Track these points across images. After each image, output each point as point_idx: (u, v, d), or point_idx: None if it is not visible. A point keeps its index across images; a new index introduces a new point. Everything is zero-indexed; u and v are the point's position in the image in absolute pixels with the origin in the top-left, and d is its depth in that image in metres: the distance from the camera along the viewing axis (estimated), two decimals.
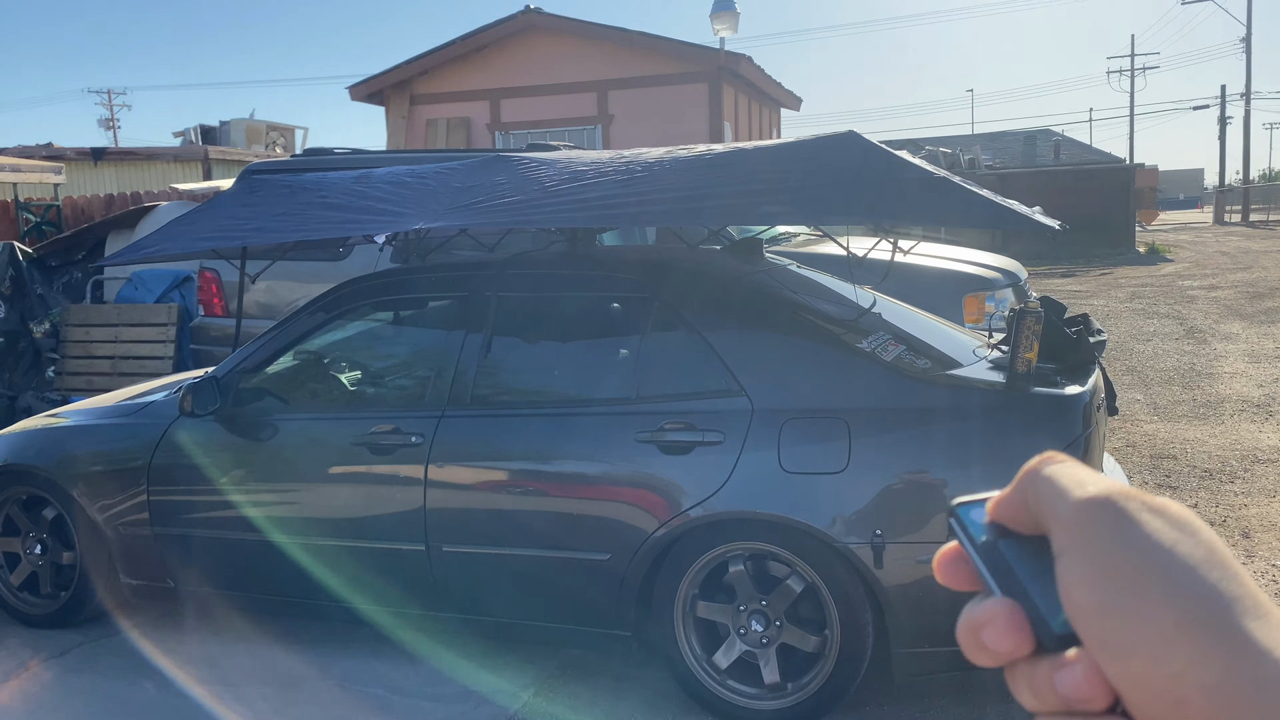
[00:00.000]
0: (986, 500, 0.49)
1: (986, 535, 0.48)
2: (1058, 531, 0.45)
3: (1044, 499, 0.46)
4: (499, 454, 3.49)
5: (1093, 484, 0.45)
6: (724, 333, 3.34)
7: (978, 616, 0.45)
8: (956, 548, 0.50)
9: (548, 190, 3.46)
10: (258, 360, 3.91)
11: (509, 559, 3.44)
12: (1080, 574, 0.43)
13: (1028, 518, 0.47)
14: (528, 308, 3.72)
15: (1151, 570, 0.41)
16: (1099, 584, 0.42)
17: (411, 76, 13.11)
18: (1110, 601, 0.42)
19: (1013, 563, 0.46)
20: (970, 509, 0.50)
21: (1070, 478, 0.46)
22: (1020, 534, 0.47)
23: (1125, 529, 0.43)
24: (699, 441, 3.22)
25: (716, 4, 11.14)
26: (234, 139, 16.80)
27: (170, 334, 7.64)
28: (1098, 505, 0.44)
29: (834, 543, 3.07)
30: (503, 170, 3.59)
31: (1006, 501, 0.48)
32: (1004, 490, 0.48)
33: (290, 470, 3.74)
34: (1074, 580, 0.43)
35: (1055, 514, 0.45)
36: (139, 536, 3.97)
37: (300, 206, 3.75)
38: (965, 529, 0.49)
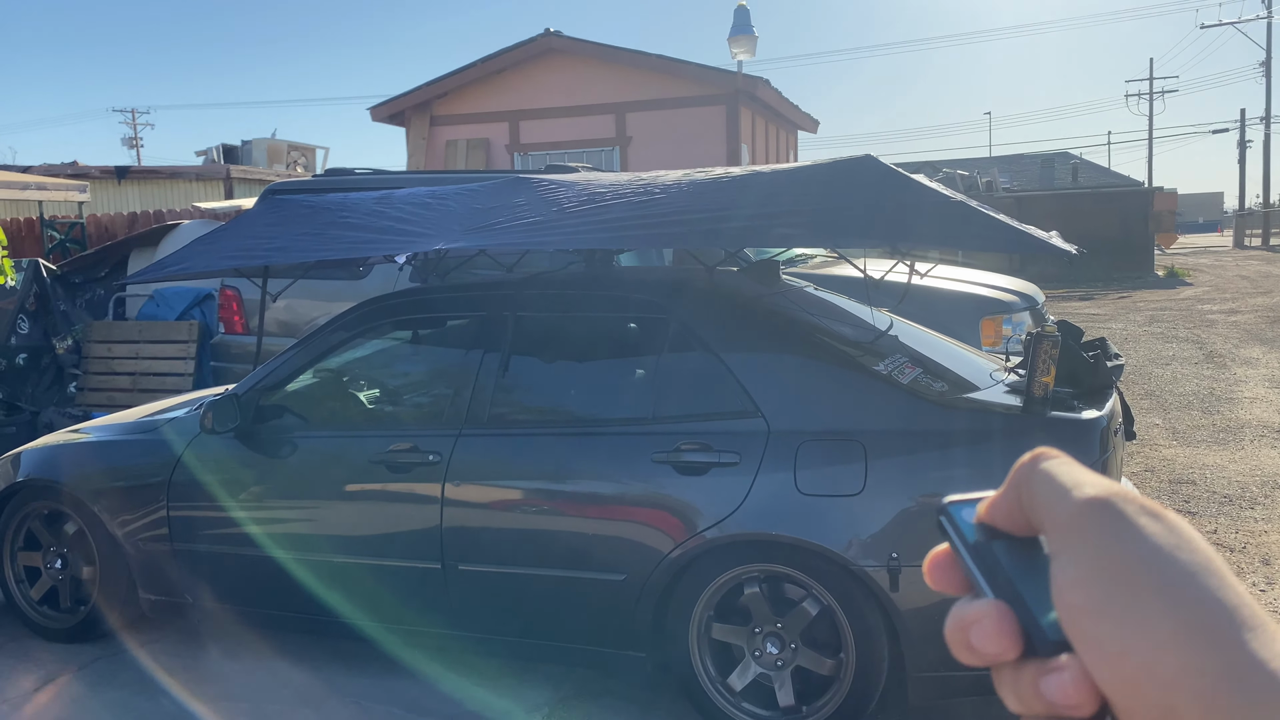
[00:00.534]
0: (979, 500, 0.48)
1: (978, 535, 0.47)
2: (1053, 532, 0.44)
3: (1038, 498, 0.45)
4: (515, 473, 3.51)
5: (1090, 484, 0.44)
6: (741, 354, 3.35)
7: (967, 616, 0.45)
8: (947, 550, 0.49)
9: (565, 211, 3.49)
10: (278, 378, 3.95)
11: (525, 578, 3.45)
12: (1075, 575, 0.42)
13: (1021, 518, 0.46)
14: (545, 327, 3.74)
15: (1149, 574, 0.41)
16: (1094, 586, 0.41)
17: (432, 98, 13.24)
18: (1105, 604, 0.41)
19: (1005, 564, 0.45)
20: (962, 508, 0.49)
21: (1067, 476, 0.45)
22: (1013, 535, 0.46)
23: (1123, 531, 0.42)
24: (715, 462, 3.23)
25: (734, 28, 11.20)
26: (255, 158, 16.96)
27: (190, 351, 7.71)
28: (1095, 506, 0.43)
29: (850, 565, 3.07)
30: (522, 191, 3.63)
31: (999, 502, 0.47)
32: (997, 490, 0.47)
33: (308, 488, 3.76)
34: (1068, 581, 0.42)
35: (1051, 514, 0.44)
36: (158, 552, 4.00)
37: (321, 227, 3.79)
38: (957, 529, 0.48)
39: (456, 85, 13.09)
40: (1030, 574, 0.45)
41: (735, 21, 11.25)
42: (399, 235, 3.57)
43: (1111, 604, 0.41)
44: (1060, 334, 3.26)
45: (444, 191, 3.93)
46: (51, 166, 13.96)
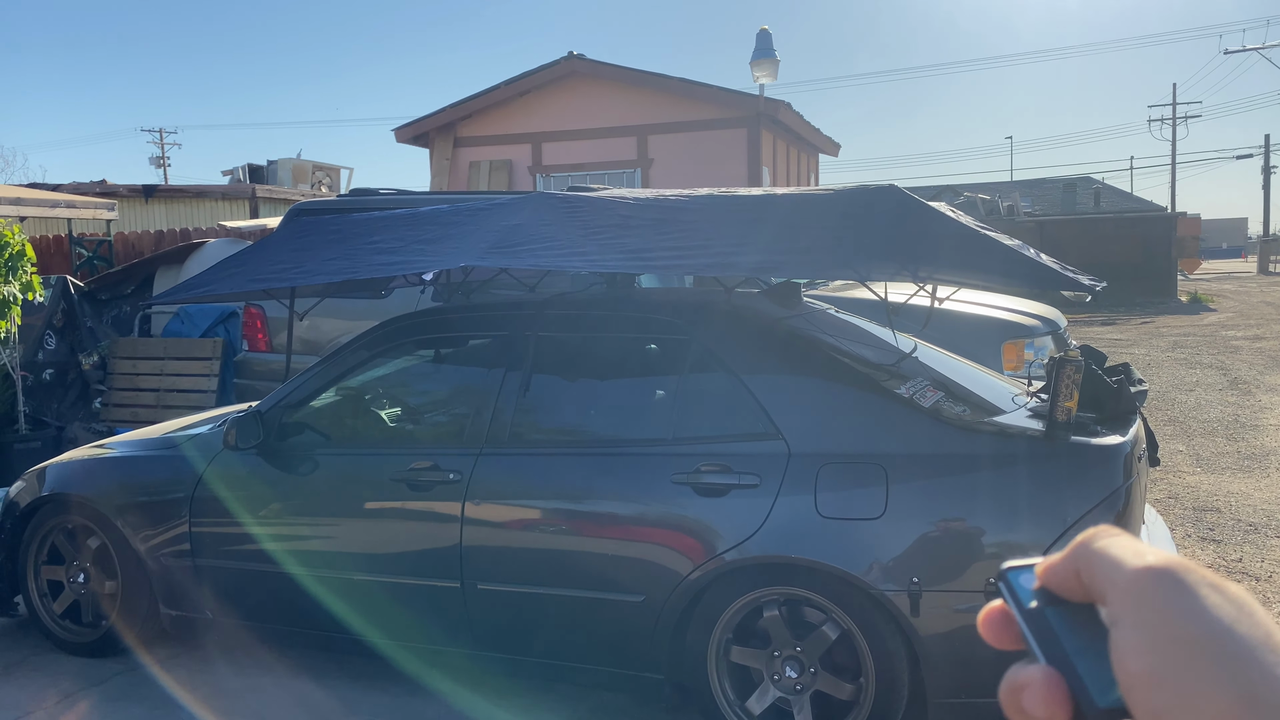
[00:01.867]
0: (1035, 565, 0.50)
1: (1035, 601, 0.49)
2: (1114, 599, 0.45)
3: (1098, 568, 0.46)
4: (535, 492, 3.51)
5: (1151, 554, 0.45)
6: (762, 376, 3.35)
7: (1019, 680, 0.46)
8: (1002, 607, 0.50)
9: (589, 232, 3.50)
10: (301, 396, 3.98)
11: (543, 598, 3.45)
12: (1137, 643, 0.43)
13: (1078, 586, 0.47)
14: (566, 348, 3.76)
15: (1211, 645, 0.41)
16: (1156, 654, 0.42)
17: (456, 119, 13.35)
18: (1166, 672, 0.41)
19: (1059, 631, 0.47)
20: (1019, 574, 0.51)
21: (1127, 548, 0.46)
22: (1068, 602, 0.48)
23: (1185, 601, 0.42)
24: (735, 484, 3.23)
25: (756, 51, 11.27)
26: (281, 178, 17.13)
27: (214, 368, 7.78)
28: (1157, 575, 0.44)
29: (870, 589, 3.05)
30: (546, 210, 3.64)
31: (1056, 569, 0.48)
32: (1054, 556, 0.49)
33: (329, 505, 3.78)
34: (1130, 649, 0.43)
35: (1111, 582, 0.45)
36: (180, 568, 4.02)
37: (348, 248, 3.83)
38: (1014, 593, 0.50)
39: (480, 107, 13.20)
40: (1084, 642, 0.46)
41: (757, 45, 11.31)
42: (425, 254, 3.60)
43: (1173, 672, 0.41)
44: (1083, 359, 3.25)
45: (469, 208, 3.95)
46: (80, 185, 14.16)
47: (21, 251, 6.74)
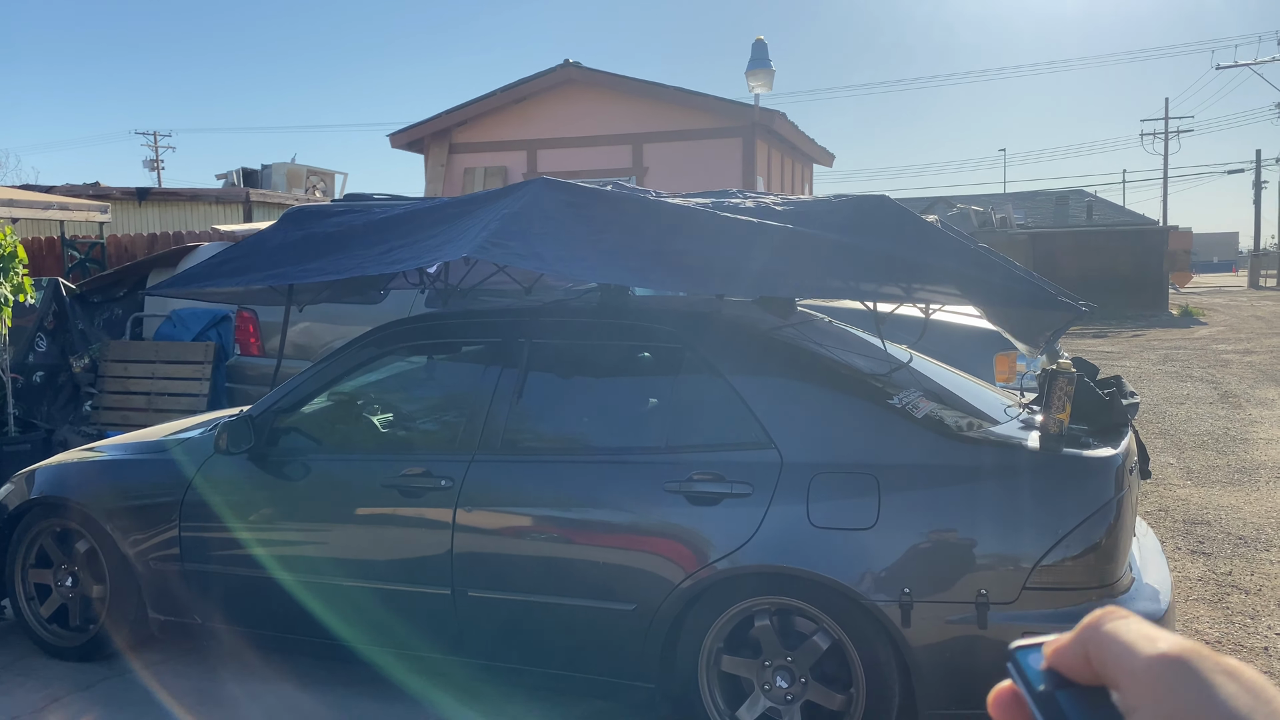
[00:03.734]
0: (1043, 645, 0.50)
1: (1044, 684, 0.49)
2: (1129, 688, 0.45)
3: (1109, 653, 0.46)
4: (527, 500, 3.50)
5: (1163, 641, 0.45)
6: (755, 385, 3.35)
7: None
8: (1012, 688, 0.50)
9: (591, 233, 3.49)
10: (293, 400, 3.97)
11: (534, 606, 3.44)
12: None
13: (1087, 669, 0.47)
14: (560, 355, 3.76)
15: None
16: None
17: (451, 126, 13.36)
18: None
19: (1069, 715, 0.47)
20: (1028, 654, 0.51)
21: (1137, 634, 0.46)
22: (1078, 685, 0.48)
23: (1201, 691, 0.42)
24: (727, 493, 3.23)
25: (752, 61, 11.30)
26: (275, 182, 17.11)
27: (206, 372, 7.75)
28: (1171, 664, 0.44)
29: (861, 600, 3.05)
30: (549, 200, 3.57)
31: (1065, 650, 0.48)
32: (1062, 637, 0.49)
33: (320, 510, 3.77)
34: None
35: (1123, 669, 0.45)
36: (169, 572, 4.01)
37: (349, 245, 3.82)
38: (1023, 674, 0.50)
39: (476, 114, 13.21)
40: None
41: (753, 55, 11.34)
42: (427, 248, 3.60)
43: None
44: (1076, 371, 3.26)
45: (473, 198, 3.94)
46: (73, 187, 14.12)
47: (13, 253, 6.72)
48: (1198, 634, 4.36)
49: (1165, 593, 3.14)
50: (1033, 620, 2.95)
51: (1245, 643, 4.34)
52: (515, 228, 3.37)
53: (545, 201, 3.52)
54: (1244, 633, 4.44)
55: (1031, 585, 2.95)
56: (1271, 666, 4.08)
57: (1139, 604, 3.01)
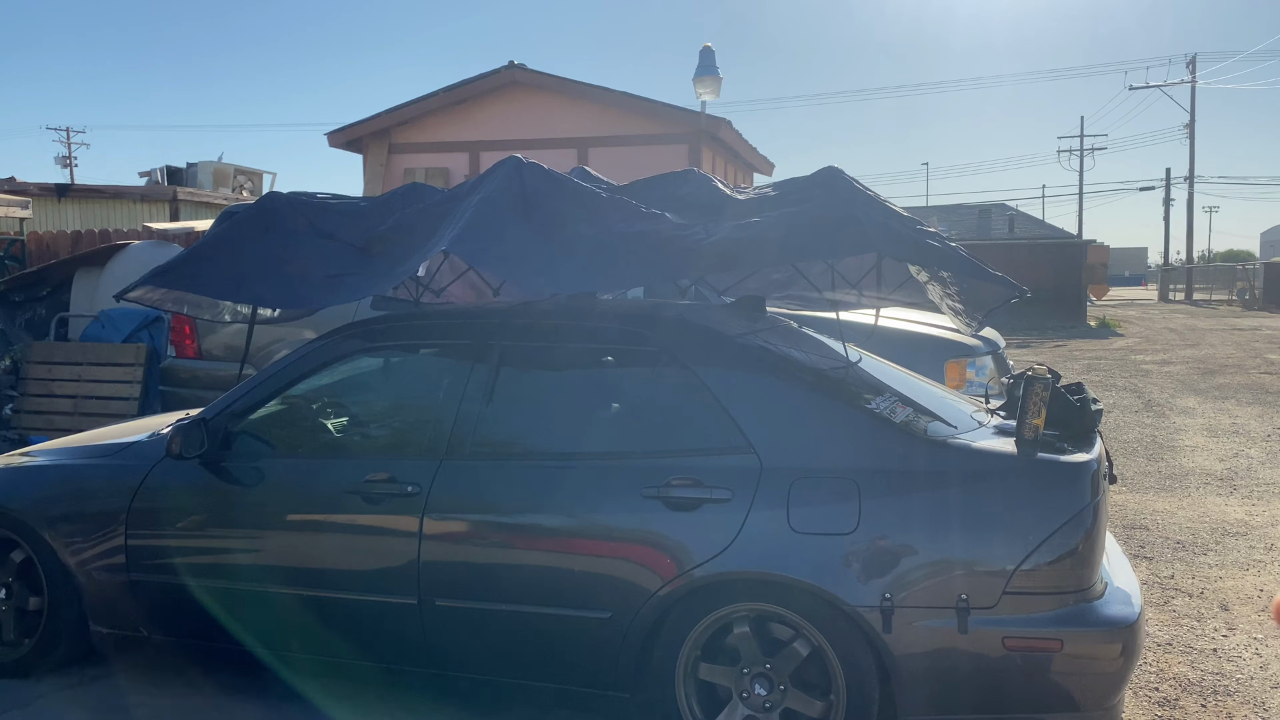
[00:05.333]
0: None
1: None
2: None
3: None
4: (498, 506, 3.42)
5: None
6: (733, 389, 3.32)
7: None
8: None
9: (565, 233, 3.48)
10: (249, 402, 3.82)
11: (505, 615, 3.36)
12: None
13: None
14: (532, 357, 3.68)
15: None
16: None
17: (391, 125, 13.14)
18: None
19: None
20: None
21: None
22: None
23: None
24: (706, 499, 3.19)
25: (700, 68, 11.31)
26: (201, 181, 16.62)
27: (137, 375, 7.48)
28: None
29: (842, 605, 3.03)
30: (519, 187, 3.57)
31: None
32: None
33: (278, 518, 3.63)
34: None
35: None
36: (114, 583, 3.82)
37: (341, 256, 3.72)
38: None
39: (416, 114, 13.02)
40: None
41: (700, 62, 11.35)
42: (417, 248, 3.53)
43: None
44: (1050, 377, 3.29)
45: (457, 191, 3.87)
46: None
47: None
48: (1148, 636, 4.45)
49: (1136, 596, 3.19)
50: (1012, 625, 2.97)
51: (1195, 644, 4.44)
52: (481, 223, 3.34)
53: (508, 192, 3.52)
54: (1192, 634, 4.55)
55: (1011, 590, 2.97)
56: (1222, 668, 4.19)
57: (1114, 608, 3.05)
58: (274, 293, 3.81)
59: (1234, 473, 7.91)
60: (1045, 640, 2.96)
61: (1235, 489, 7.43)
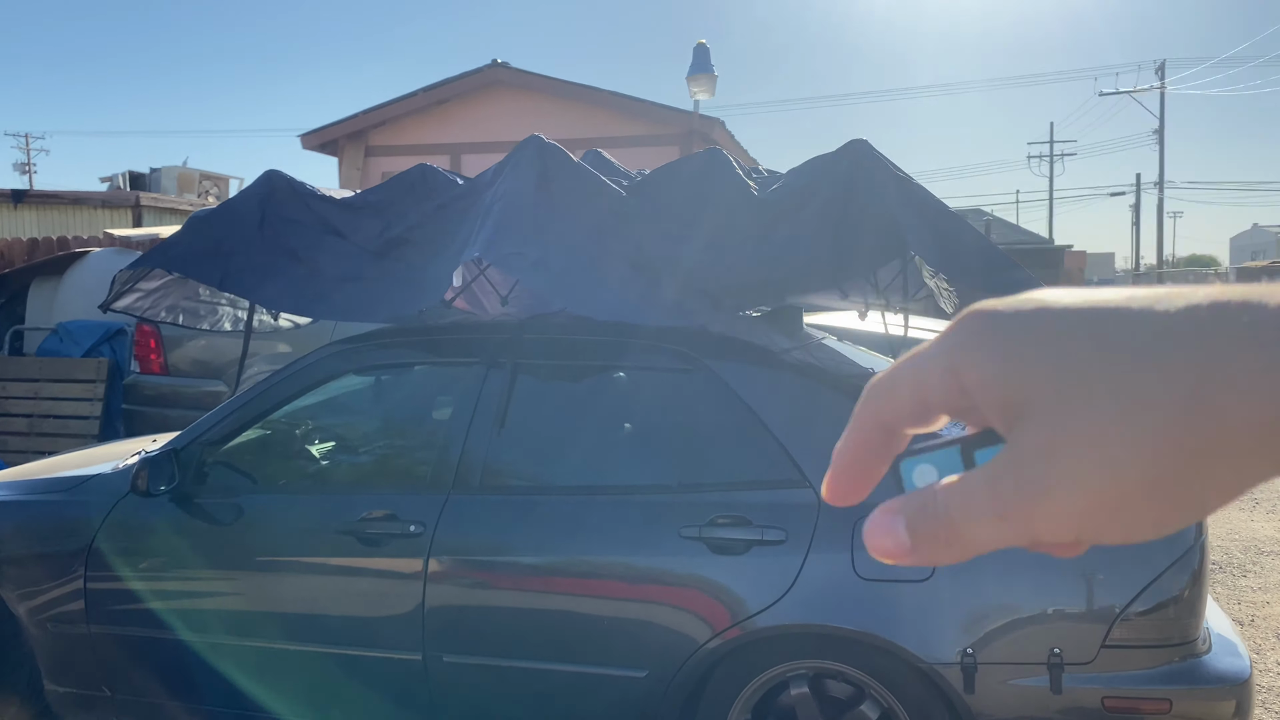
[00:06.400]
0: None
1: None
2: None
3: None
4: (514, 548, 2.99)
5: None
6: (783, 414, 2.93)
7: None
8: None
9: (600, 242, 3.10)
10: (227, 430, 3.37)
11: (523, 674, 2.94)
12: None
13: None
14: (551, 376, 3.26)
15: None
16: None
17: (367, 127, 12.61)
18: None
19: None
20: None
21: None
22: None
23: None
24: (757, 540, 2.79)
25: (694, 66, 10.90)
26: (165, 186, 16.00)
27: (98, 391, 6.97)
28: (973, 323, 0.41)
29: (919, 662, 2.64)
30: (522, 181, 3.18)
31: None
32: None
33: (261, 562, 3.18)
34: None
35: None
36: (72, 635, 3.36)
37: (342, 250, 3.30)
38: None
39: (395, 115, 12.49)
40: None
41: (695, 59, 10.92)
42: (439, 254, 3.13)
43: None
44: None
45: (476, 183, 3.46)
46: None
47: None
48: None
49: (1240, 645, 2.82)
50: (1113, 683, 2.59)
51: (1260, 681, 4.10)
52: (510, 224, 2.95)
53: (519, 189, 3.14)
54: (1256, 670, 4.21)
55: (1110, 643, 2.59)
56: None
57: (1224, 661, 2.68)
58: (273, 289, 3.37)
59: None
60: (1151, 700, 2.58)
61: (1258, 504, 7.15)
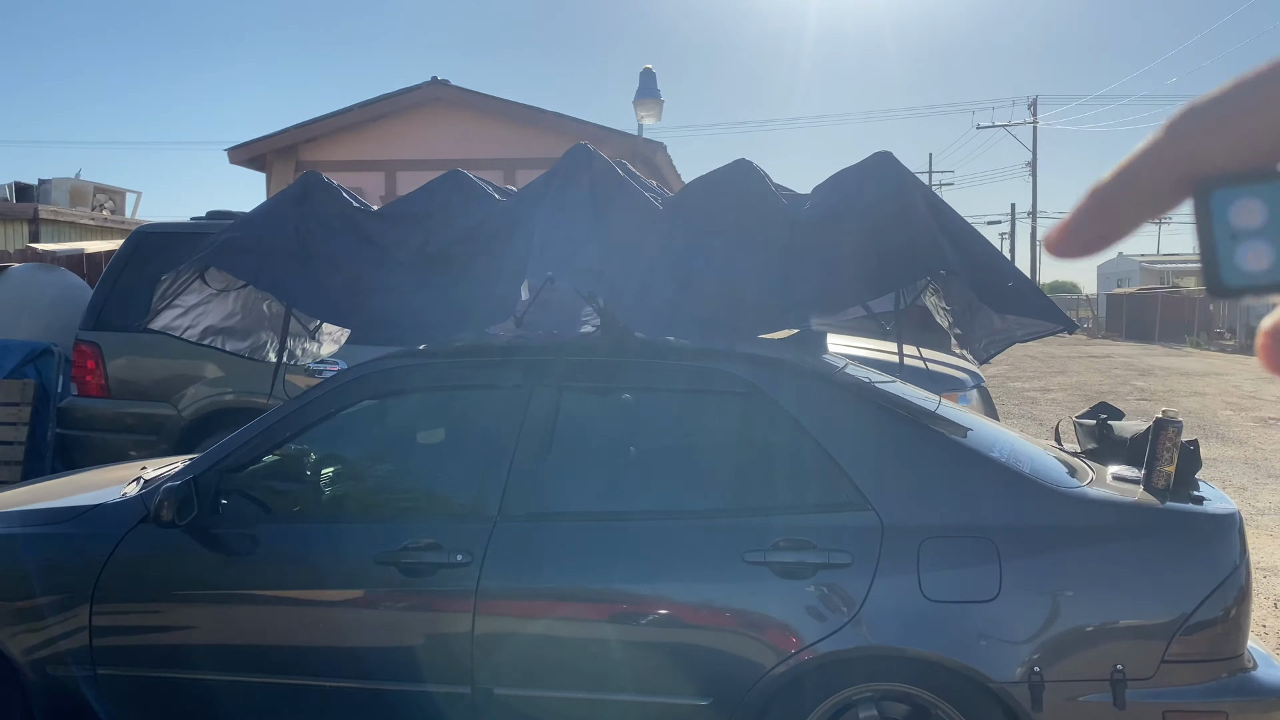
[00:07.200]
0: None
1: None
2: None
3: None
4: (568, 574, 2.93)
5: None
6: (840, 436, 2.94)
7: None
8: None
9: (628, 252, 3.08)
10: (248, 455, 3.21)
11: (578, 705, 2.87)
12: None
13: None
14: (601, 399, 3.20)
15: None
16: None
17: (298, 142, 12.23)
18: None
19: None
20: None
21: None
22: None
23: None
24: (823, 563, 2.79)
25: (640, 91, 10.97)
26: (55, 199, 15.19)
27: (23, 415, 6.54)
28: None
29: (989, 682, 2.68)
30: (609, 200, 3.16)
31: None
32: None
33: (291, 595, 3.03)
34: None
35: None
36: (75, 679, 3.13)
37: (379, 260, 3.17)
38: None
39: (328, 130, 12.15)
40: None
41: (641, 84, 11.00)
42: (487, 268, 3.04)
43: None
44: (1181, 420, 3.04)
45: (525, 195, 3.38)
46: None
47: None
48: None
49: (1276, 659, 2.96)
50: (1173, 697, 2.68)
51: None
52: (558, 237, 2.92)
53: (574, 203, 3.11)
54: None
55: (1169, 658, 2.68)
56: None
57: (1270, 673, 2.80)
58: (307, 293, 3.26)
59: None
60: (1210, 713, 2.68)
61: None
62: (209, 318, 3.63)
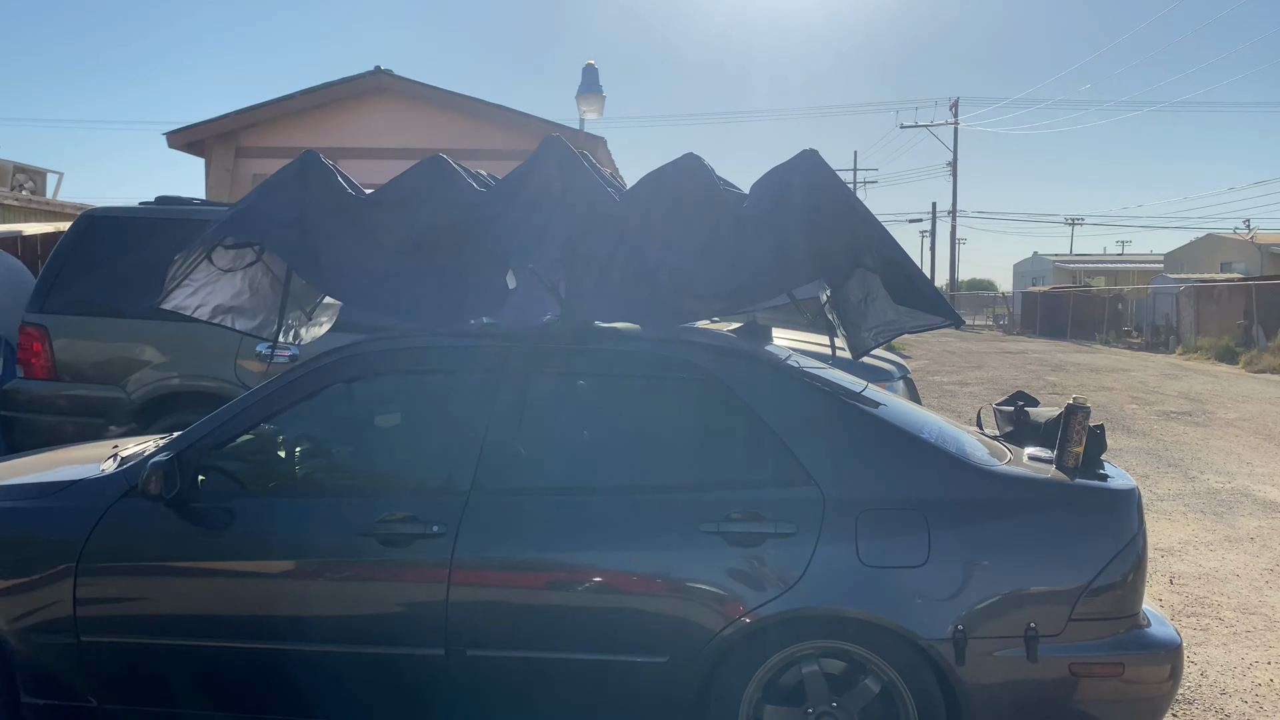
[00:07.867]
0: None
1: None
2: None
3: None
4: (537, 542, 3.16)
5: None
6: (786, 417, 3.23)
7: None
8: None
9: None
10: (230, 432, 3.37)
11: (547, 664, 3.11)
12: None
13: None
14: (566, 383, 3.44)
15: None
16: None
17: (239, 128, 12.14)
18: None
19: None
20: None
21: None
22: None
23: None
24: (770, 533, 3.07)
25: (583, 86, 11.16)
26: None
27: None
28: None
29: (917, 639, 2.99)
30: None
31: None
32: None
33: (275, 566, 3.21)
34: None
35: None
36: (57, 645, 3.26)
37: (368, 243, 3.35)
38: None
39: (269, 116, 12.09)
40: None
41: (584, 80, 11.20)
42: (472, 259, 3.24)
43: None
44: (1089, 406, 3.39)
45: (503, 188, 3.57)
46: None
47: None
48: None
49: (1167, 620, 3.33)
50: (1078, 651, 3.02)
51: None
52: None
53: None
54: None
55: (1076, 617, 3.03)
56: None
57: (1162, 631, 3.17)
58: (309, 261, 3.43)
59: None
60: (1109, 665, 3.03)
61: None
62: (218, 296, 3.75)
